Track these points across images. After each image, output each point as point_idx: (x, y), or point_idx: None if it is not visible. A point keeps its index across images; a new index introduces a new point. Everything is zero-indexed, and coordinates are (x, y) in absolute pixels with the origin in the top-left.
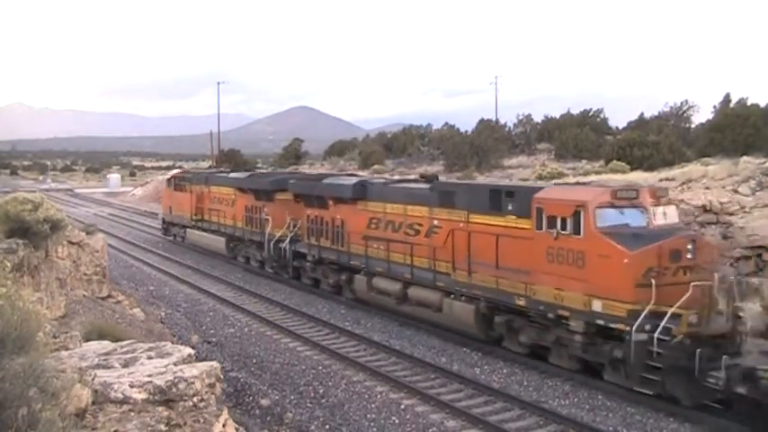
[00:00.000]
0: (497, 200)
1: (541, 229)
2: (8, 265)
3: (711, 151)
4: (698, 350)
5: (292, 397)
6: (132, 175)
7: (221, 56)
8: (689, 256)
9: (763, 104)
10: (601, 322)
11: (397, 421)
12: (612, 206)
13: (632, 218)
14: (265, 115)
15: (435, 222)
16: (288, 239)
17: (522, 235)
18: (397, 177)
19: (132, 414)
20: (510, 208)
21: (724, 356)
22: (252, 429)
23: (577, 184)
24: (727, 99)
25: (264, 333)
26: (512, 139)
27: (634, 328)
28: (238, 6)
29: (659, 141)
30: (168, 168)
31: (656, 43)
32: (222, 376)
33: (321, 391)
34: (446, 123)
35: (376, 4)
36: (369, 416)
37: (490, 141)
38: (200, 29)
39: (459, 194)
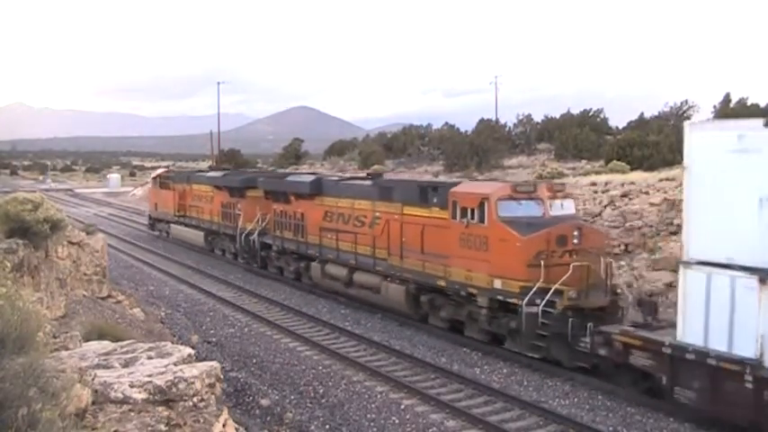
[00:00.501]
0: (425, 194)
1: (456, 218)
2: (8, 265)
3: None
4: (570, 319)
5: (292, 397)
6: (132, 175)
7: (221, 56)
8: (575, 241)
9: (763, 104)
10: (500, 298)
11: (397, 421)
12: (512, 198)
13: (529, 209)
14: (265, 115)
15: (377, 214)
16: (256, 232)
17: (442, 224)
18: (347, 175)
19: (132, 414)
20: (434, 201)
21: (589, 324)
22: (252, 429)
23: (488, 180)
24: (727, 99)
25: (264, 333)
26: (512, 139)
27: (525, 302)
28: (238, 6)
29: (659, 141)
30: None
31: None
32: (222, 376)
33: (321, 391)
34: (446, 123)
35: (376, 3)
36: (369, 416)
37: (490, 141)
38: (200, 29)
39: (396, 189)
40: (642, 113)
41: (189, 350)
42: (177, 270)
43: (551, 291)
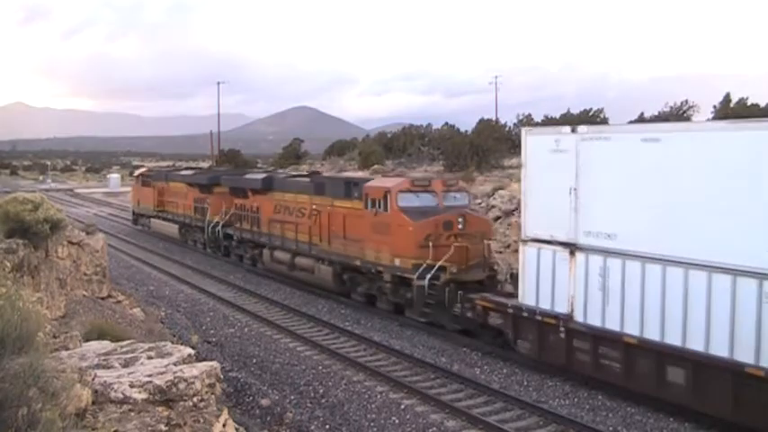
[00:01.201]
0: (348, 189)
1: (368, 208)
2: (8, 265)
3: None
4: (446, 289)
5: (292, 397)
6: (132, 175)
7: (221, 56)
8: (459, 226)
9: (763, 104)
10: (399, 273)
11: (397, 421)
12: (410, 191)
13: (425, 200)
14: (265, 115)
15: (313, 207)
16: (221, 224)
17: (359, 214)
18: (293, 173)
19: (132, 414)
20: (355, 195)
21: (459, 292)
22: (252, 429)
23: (394, 176)
24: (727, 99)
25: (264, 333)
26: (512, 139)
27: (416, 276)
28: (238, 6)
29: None
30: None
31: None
32: (222, 376)
33: (321, 391)
34: (446, 123)
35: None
36: (369, 416)
37: (490, 141)
38: (201, 28)
39: (327, 185)
40: (642, 113)
41: (189, 350)
42: (177, 270)
43: (436, 267)
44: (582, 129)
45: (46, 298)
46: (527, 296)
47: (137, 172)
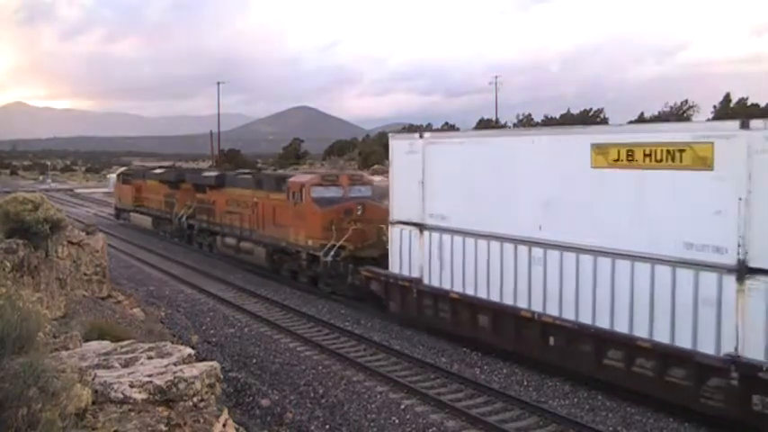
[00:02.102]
0: (278, 184)
1: (290, 199)
2: (8, 265)
3: None
4: (345, 264)
5: (292, 397)
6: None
7: (222, 56)
8: (358, 213)
9: (763, 104)
10: (312, 252)
11: (397, 421)
12: (320, 185)
13: (332, 192)
14: (265, 115)
15: (254, 199)
16: (185, 216)
17: (285, 204)
18: (242, 171)
19: (132, 414)
20: (282, 188)
21: (350, 266)
22: (252, 429)
23: (310, 173)
24: (727, 99)
25: (264, 333)
26: None
27: (322, 254)
28: (238, 5)
29: None
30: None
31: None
32: (222, 376)
33: (321, 391)
34: (446, 123)
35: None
36: (369, 416)
37: None
38: (201, 28)
39: (264, 181)
40: (642, 113)
41: (189, 350)
42: (177, 270)
43: (337, 246)
44: (426, 135)
45: (46, 298)
46: (394, 266)
47: (118, 171)
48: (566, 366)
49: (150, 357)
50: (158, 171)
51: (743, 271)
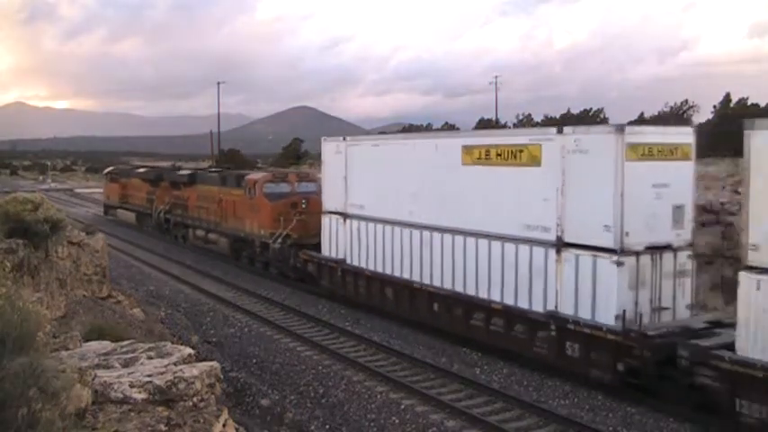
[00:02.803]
0: (238, 181)
1: (247, 194)
2: (8, 265)
3: (711, 152)
4: (290, 249)
5: (292, 397)
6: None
7: (223, 56)
8: (303, 206)
9: (763, 104)
10: (264, 240)
11: (397, 421)
12: (271, 182)
13: (282, 188)
14: (265, 115)
15: (220, 195)
16: (163, 211)
17: (242, 199)
18: (212, 169)
19: (132, 414)
20: (242, 185)
21: (292, 250)
22: (252, 429)
23: (264, 171)
24: (727, 99)
25: (264, 333)
26: None
27: (271, 241)
28: (240, 6)
29: None
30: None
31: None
32: (222, 376)
33: (321, 391)
34: (446, 123)
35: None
36: (369, 416)
37: None
38: (202, 28)
39: (227, 178)
40: (642, 113)
41: (189, 350)
42: (177, 270)
43: (284, 234)
44: (348, 138)
45: (46, 298)
46: (325, 250)
47: (105, 170)
48: (445, 329)
49: (150, 357)
50: (141, 170)
51: (560, 245)
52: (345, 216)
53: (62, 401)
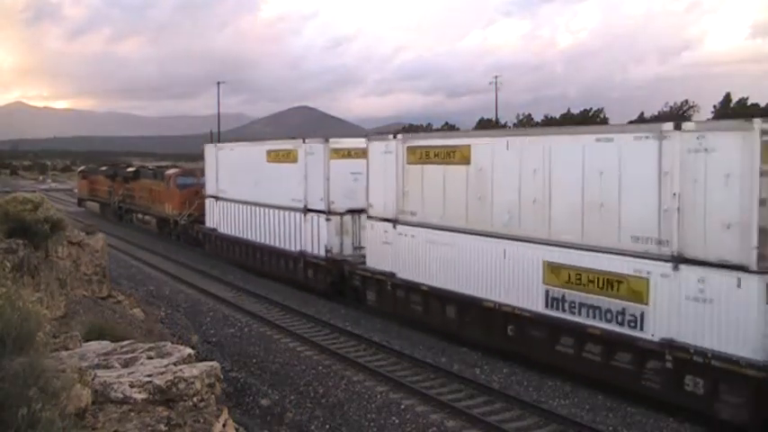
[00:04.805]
0: (161, 175)
1: (165, 185)
2: (8, 265)
3: None
4: (188, 225)
5: (292, 397)
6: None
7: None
8: (202, 193)
9: (763, 104)
10: (176, 219)
11: (397, 421)
12: (182, 176)
13: (189, 180)
14: (265, 115)
15: (152, 187)
16: (118, 201)
17: (163, 189)
18: (151, 166)
19: (132, 414)
20: (162, 178)
21: (194, 226)
22: (252, 429)
23: (179, 167)
24: (727, 99)
25: (264, 333)
26: None
27: (180, 219)
28: (243, 6)
29: None
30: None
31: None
32: (222, 376)
33: (321, 391)
34: (446, 123)
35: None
36: (369, 416)
37: None
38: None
39: (156, 173)
40: (642, 113)
41: (189, 350)
42: (177, 270)
43: (187, 214)
44: (219, 144)
45: (46, 298)
46: (208, 223)
47: (78, 169)
48: (268, 271)
49: (150, 357)
50: (103, 168)
51: (305, 210)
52: (216, 198)
53: (62, 401)
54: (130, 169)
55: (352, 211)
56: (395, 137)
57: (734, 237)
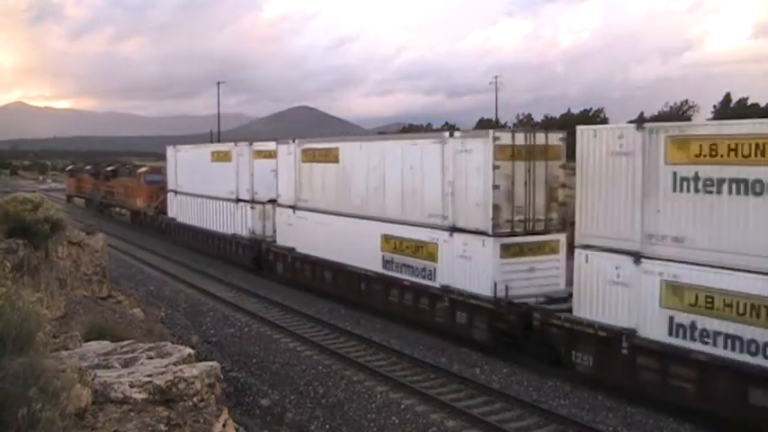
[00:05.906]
0: (134, 173)
1: (137, 182)
2: (8, 265)
3: None
4: (155, 215)
5: (292, 397)
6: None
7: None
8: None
9: (763, 104)
10: (145, 211)
11: (397, 421)
12: (150, 173)
13: (156, 177)
14: (265, 115)
15: (127, 183)
16: (100, 197)
17: (135, 185)
18: (128, 165)
19: (132, 414)
20: (136, 175)
21: (160, 215)
22: (252, 429)
23: (148, 166)
24: (727, 99)
25: (264, 333)
26: None
27: (148, 212)
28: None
29: None
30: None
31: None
32: (222, 376)
33: (321, 391)
34: (446, 123)
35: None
36: (369, 416)
37: None
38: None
39: (131, 172)
40: (642, 113)
41: (189, 350)
42: (177, 270)
43: (154, 206)
44: (177, 146)
45: (46, 298)
46: (169, 213)
47: (66, 168)
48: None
49: (150, 357)
50: (87, 167)
51: (238, 200)
52: (175, 192)
53: (62, 401)
54: (110, 168)
55: (272, 201)
56: (293, 141)
57: (480, 212)
